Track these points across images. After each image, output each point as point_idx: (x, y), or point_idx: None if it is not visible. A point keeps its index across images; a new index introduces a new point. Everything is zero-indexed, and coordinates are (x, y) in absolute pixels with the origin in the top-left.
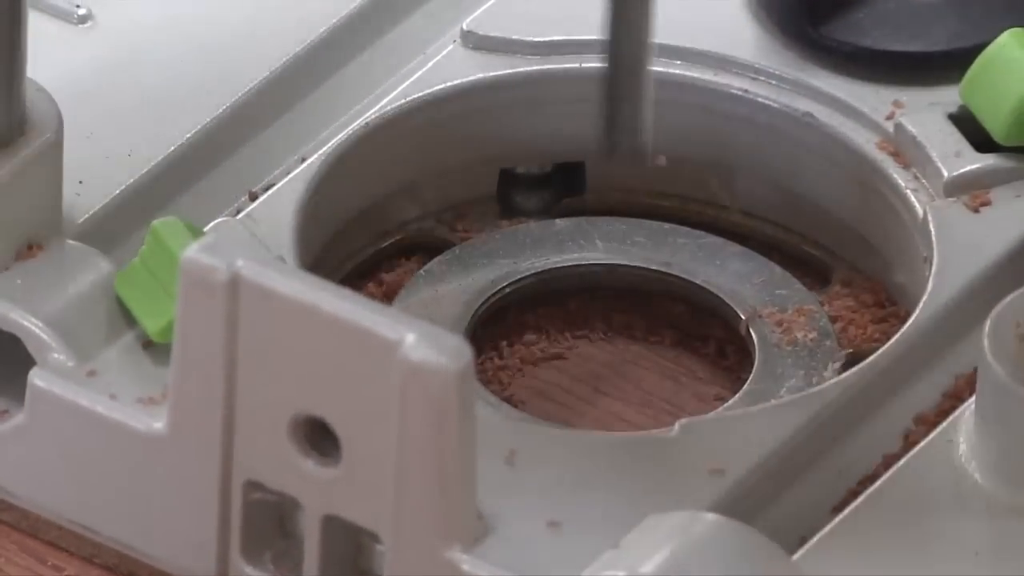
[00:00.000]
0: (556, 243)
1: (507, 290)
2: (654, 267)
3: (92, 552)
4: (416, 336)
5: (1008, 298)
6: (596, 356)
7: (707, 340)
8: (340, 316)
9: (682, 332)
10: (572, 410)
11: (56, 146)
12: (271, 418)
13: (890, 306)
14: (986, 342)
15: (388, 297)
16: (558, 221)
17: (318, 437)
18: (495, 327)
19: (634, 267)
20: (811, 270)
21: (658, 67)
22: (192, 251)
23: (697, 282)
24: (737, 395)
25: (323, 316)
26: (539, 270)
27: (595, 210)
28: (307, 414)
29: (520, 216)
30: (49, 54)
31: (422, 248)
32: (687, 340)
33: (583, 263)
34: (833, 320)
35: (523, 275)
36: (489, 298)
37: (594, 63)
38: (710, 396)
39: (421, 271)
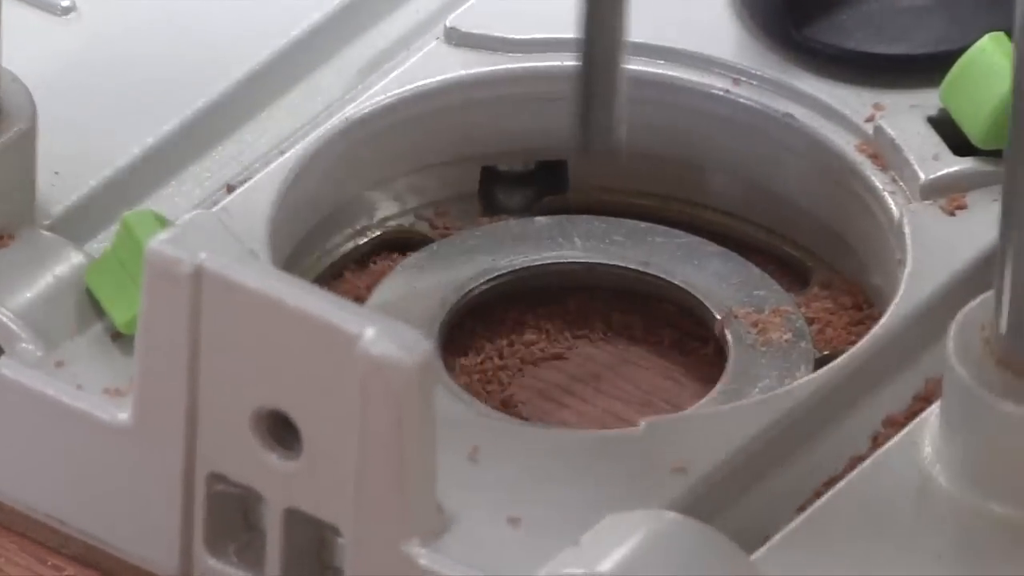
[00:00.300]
0: (535, 241)
1: (483, 287)
2: (632, 266)
3: (60, 543)
4: (376, 330)
5: (974, 301)
6: (596, 356)
7: (707, 340)
8: (301, 309)
9: (681, 332)
10: (572, 410)
11: (29, 136)
12: (234, 411)
13: (868, 308)
14: (951, 345)
15: (367, 292)
16: (538, 219)
17: (281, 430)
18: (494, 327)
19: (612, 266)
20: (791, 271)
21: (640, 66)
22: (156, 242)
23: (675, 281)
24: (709, 395)
25: (285, 309)
26: (516, 267)
27: (577, 208)
28: (269, 407)
29: (502, 214)
30: (32, 45)
31: (403, 245)
32: (686, 340)
33: (561, 261)
34: (811, 322)
35: (500, 272)
36: (465, 295)
37: (576, 61)
38: None
39: (398, 266)
